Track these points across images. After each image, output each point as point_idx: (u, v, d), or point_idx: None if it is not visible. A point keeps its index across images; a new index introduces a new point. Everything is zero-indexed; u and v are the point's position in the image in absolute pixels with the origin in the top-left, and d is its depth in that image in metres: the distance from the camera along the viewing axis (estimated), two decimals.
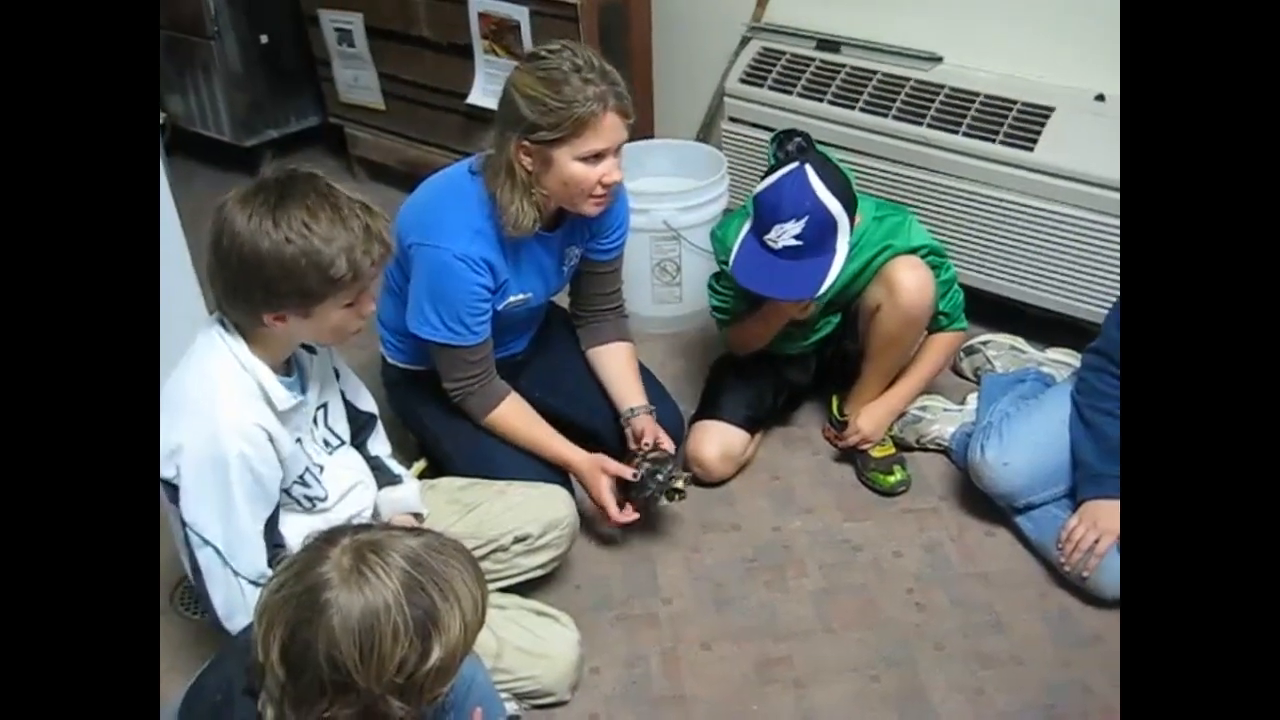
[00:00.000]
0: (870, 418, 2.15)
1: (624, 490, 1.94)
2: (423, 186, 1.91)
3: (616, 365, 2.08)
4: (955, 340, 2.20)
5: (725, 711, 1.72)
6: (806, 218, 1.86)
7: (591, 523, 2.05)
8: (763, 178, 1.95)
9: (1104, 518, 1.85)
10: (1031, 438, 1.97)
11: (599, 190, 1.77)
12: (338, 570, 1.08)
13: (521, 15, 2.68)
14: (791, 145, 2.03)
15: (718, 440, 2.12)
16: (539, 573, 1.85)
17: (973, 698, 1.73)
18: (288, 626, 1.08)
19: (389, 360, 2.05)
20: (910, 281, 1.99)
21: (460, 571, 1.12)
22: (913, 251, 2.03)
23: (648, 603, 1.92)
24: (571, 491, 1.92)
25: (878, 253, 2.01)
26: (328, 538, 1.13)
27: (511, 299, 1.90)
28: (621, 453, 2.03)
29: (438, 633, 1.08)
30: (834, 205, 1.88)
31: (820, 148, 2.17)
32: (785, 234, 1.87)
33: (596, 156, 1.73)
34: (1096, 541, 1.84)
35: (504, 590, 1.83)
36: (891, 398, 2.17)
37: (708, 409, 2.17)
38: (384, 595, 1.06)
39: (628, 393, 2.04)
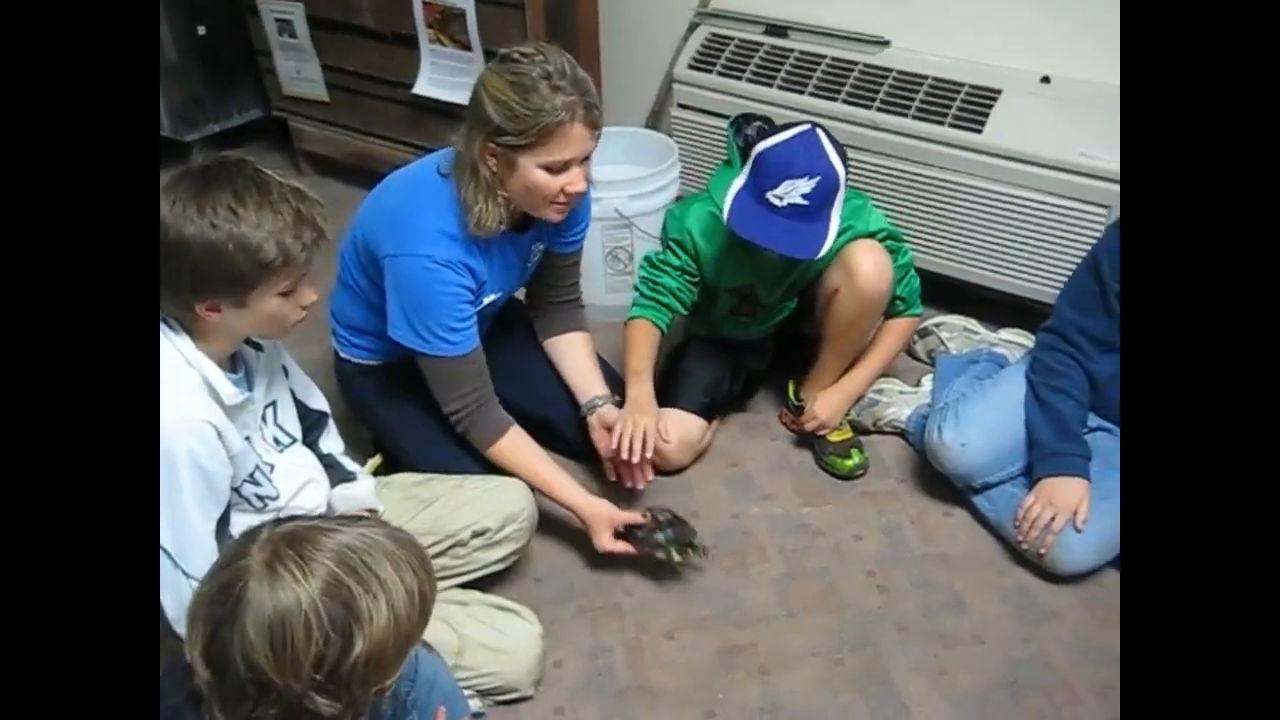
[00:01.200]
0: (827, 404, 2.15)
1: (629, 534, 1.88)
2: (387, 188, 1.85)
3: (576, 356, 2.08)
4: (911, 325, 2.20)
5: (690, 700, 1.71)
6: (819, 178, 1.85)
7: (552, 514, 2.03)
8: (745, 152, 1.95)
9: (1059, 495, 1.87)
10: (987, 418, 1.99)
11: (561, 198, 1.74)
12: (254, 566, 1.05)
13: (467, 3, 2.65)
14: (751, 129, 2.03)
15: (675, 428, 2.10)
16: (499, 567, 1.83)
17: (935, 678, 1.74)
18: (209, 625, 1.05)
19: (342, 355, 2.02)
20: (869, 265, 1.99)
21: (392, 560, 1.09)
22: (872, 235, 2.03)
23: (610, 594, 1.91)
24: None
25: (838, 234, 2.00)
26: (250, 533, 1.11)
27: (486, 301, 1.87)
28: (582, 441, 2.02)
29: (359, 626, 1.05)
30: (841, 172, 1.89)
31: None
32: (795, 191, 1.85)
33: (562, 165, 1.70)
34: (1053, 519, 1.85)
35: (464, 586, 1.81)
36: (848, 383, 2.17)
37: (664, 398, 2.16)
38: (296, 591, 1.03)
39: (589, 383, 2.03)
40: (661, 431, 1.96)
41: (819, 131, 1.89)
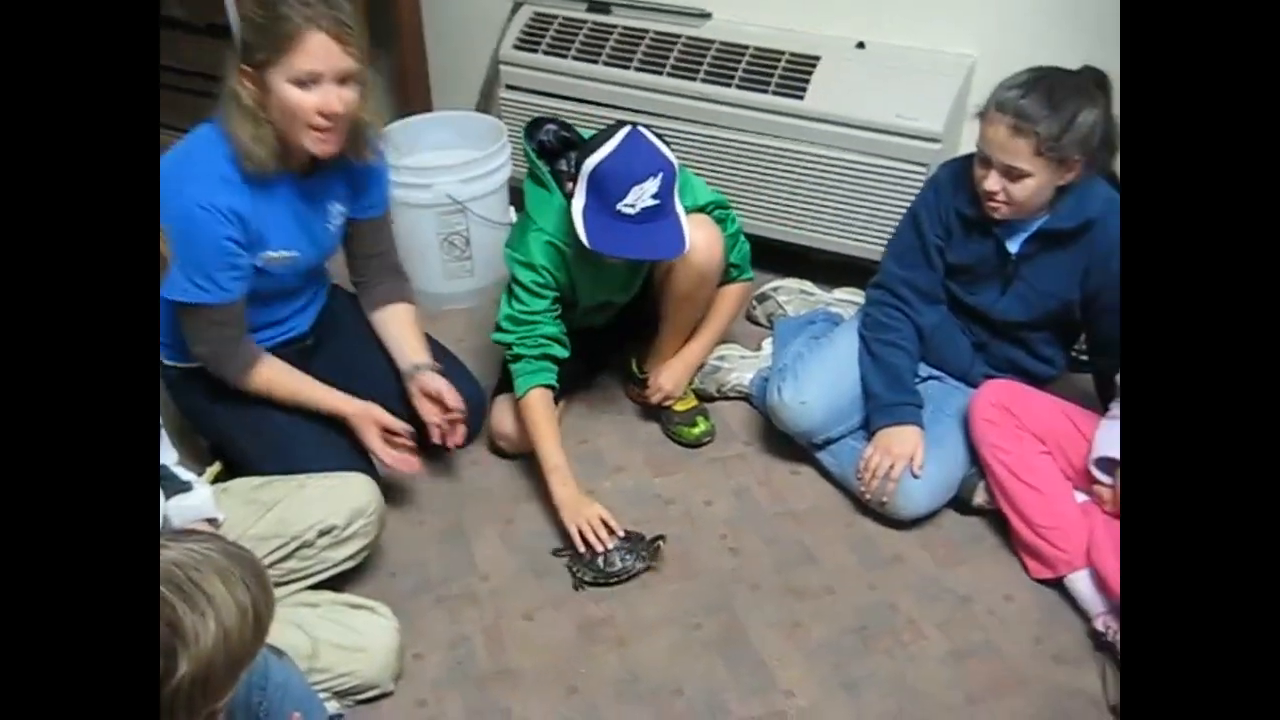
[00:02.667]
0: (670, 375, 2.18)
1: (589, 566, 1.88)
2: (164, 157, 1.78)
3: (396, 325, 2.05)
4: (745, 290, 2.24)
5: (552, 678, 1.72)
6: (661, 174, 1.87)
7: (401, 505, 2.01)
8: (579, 154, 1.92)
9: (896, 444, 1.94)
10: (824, 375, 2.04)
11: (318, 120, 1.69)
12: None
13: None
14: (546, 134, 2.03)
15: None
16: (350, 564, 1.80)
17: (790, 631, 1.79)
18: None
19: (165, 362, 1.94)
20: (700, 240, 2.01)
21: (223, 576, 1.05)
22: (701, 209, 2.06)
23: (466, 581, 1.90)
24: (376, 477, 1.87)
25: None
26: None
27: (271, 255, 1.81)
28: (407, 413, 1.99)
29: (184, 645, 1.00)
30: (672, 158, 1.91)
31: (597, 109, 2.18)
32: (645, 194, 1.86)
33: (311, 81, 1.66)
34: (891, 467, 1.92)
35: (315, 587, 1.76)
36: (689, 353, 2.20)
37: (508, 381, 2.15)
38: None
39: (409, 350, 2.01)
40: (606, 520, 1.92)
41: (640, 129, 1.90)
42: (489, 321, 2.22)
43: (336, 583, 1.79)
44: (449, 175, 2.42)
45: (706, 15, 2.59)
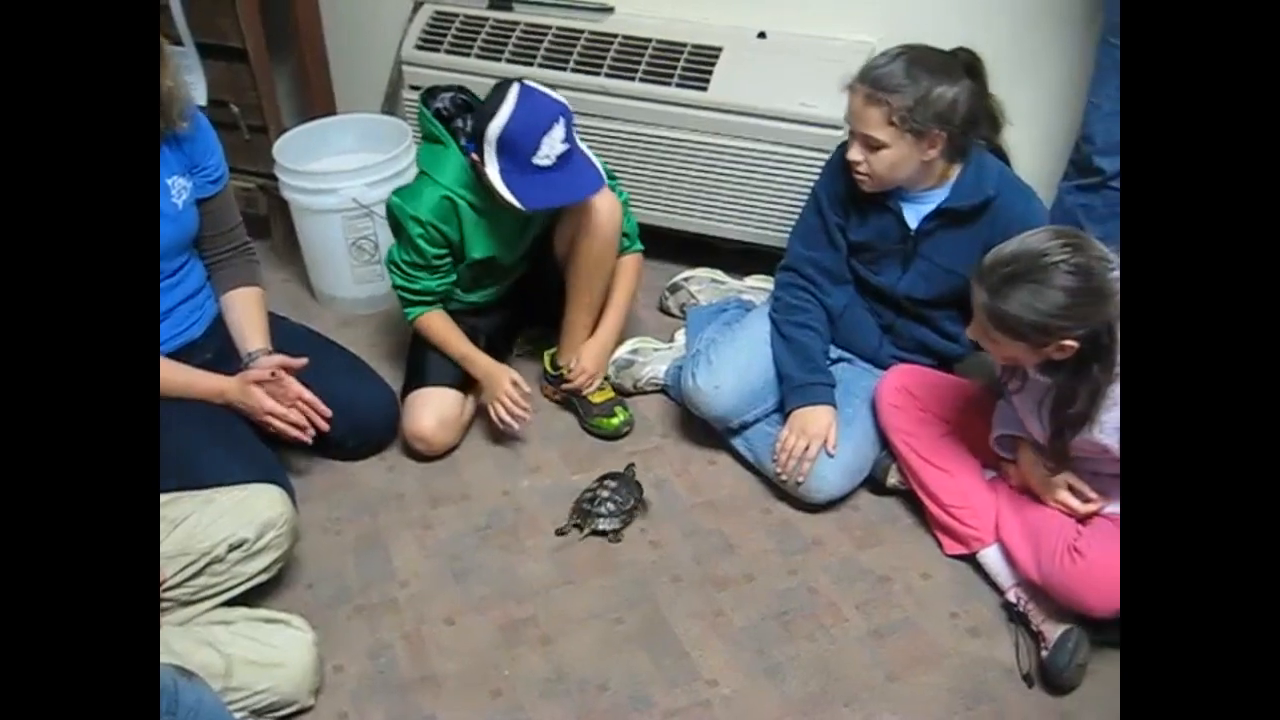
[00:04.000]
0: (590, 355, 2.19)
1: (595, 520, 1.96)
2: None
3: (241, 311, 2.01)
4: (638, 261, 2.25)
5: (476, 681, 1.70)
6: (561, 118, 1.91)
7: (315, 515, 1.98)
8: (476, 121, 1.95)
9: (810, 424, 1.96)
10: (737, 359, 2.06)
11: None
12: None
13: None
14: (441, 101, 2.03)
15: (431, 407, 2.09)
16: (264, 577, 1.76)
17: (712, 620, 1.80)
18: None
19: None
20: (602, 204, 2.04)
21: None
22: None
23: (385, 589, 1.87)
24: (288, 488, 1.83)
25: None
26: None
27: None
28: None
29: None
30: (562, 99, 1.96)
31: None
32: (555, 141, 1.90)
33: None
34: (807, 448, 1.94)
35: (228, 603, 1.72)
36: (602, 332, 2.21)
37: (415, 379, 2.14)
38: None
39: (249, 336, 1.98)
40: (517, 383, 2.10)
41: (525, 82, 1.95)
42: (401, 326, 2.21)
43: (251, 597, 1.75)
44: (354, 179, 2.38)
45: (609, 10, 2.59)
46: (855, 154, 1.86)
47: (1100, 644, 1.69)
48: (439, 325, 2.14)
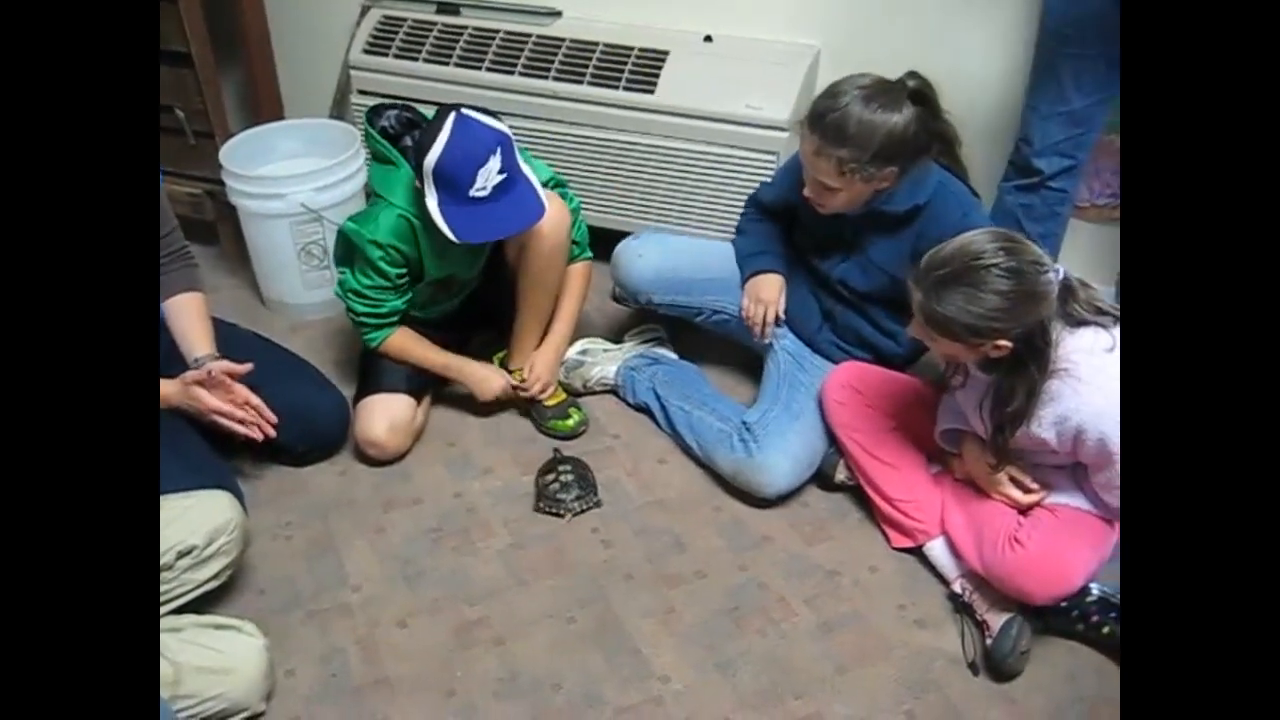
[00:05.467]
0: (543, 362, 2.20)
1: (554, 504, 2.02)
2: None
3: (184, 317, 1.96)
4: (588, 268, 2.27)
5: (429, 684, 1.71)
6: (498, 148, 1.88)
7: (266, 520, 1.97)
8: (415, 149, 1.92)
9: (763, 290, 2.09)
10: (666, 244, 2.25)
11: None
12: None
13: None
14: (387, 120, 2.03)
15: (383, 413, 2.08)
16: (214, 584, 1.75)
17: (664, 618, 1.81)
18: None
19: None
20: (552, 212, 2.03)
21: None
22: (544, 185, 2.07)
23: (337, 593, 1.87)
24: (237, 494, 1.83)
25: None
26: None
27: None
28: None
29: None
30: (502, 126, 1.93)
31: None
32: (491, 174, 1.88)
33: None
34: (766, 312, 2.08)
35: (179, 610, 1.71)
36: (554, 338, 2.22)
37: (367, 385, 2.13)
38: None
39: (194, 343, 1.94)
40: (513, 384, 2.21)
41: (463, 110, 1.90)
42: (351, 331, 2.20)
43: (202, 604, 1.74)
44: (302, 184, 2.37)
45: (556, 14, 2.61)
46: (810, 190, 1.91)
47: (1042, 631, 1.73)
48: (409, 343, 2.13)
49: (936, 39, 2.37)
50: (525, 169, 1.99)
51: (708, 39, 2.49)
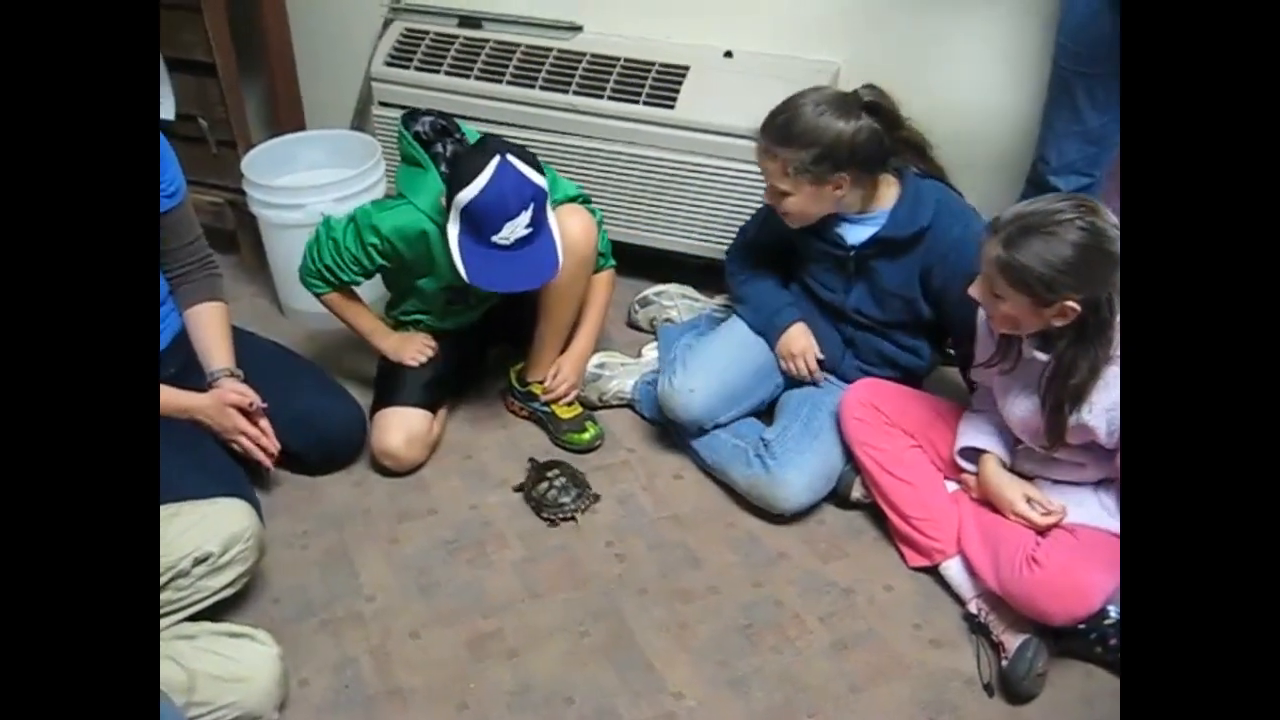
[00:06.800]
0: (570, 366, 2.22)
1: (540, 500, 2.04)
2: None
3: (205, 328, 2.00)
4: (611, 277, 2.28)
5: (442, 695, 1.70)
6: (532, 203, 1.88)
7: (282, 529, 1.98)
8: (448, 174, 1.93)
9: (793, 343, 2.10)
10: (712, 363, 2.12)
11: None
12: None
13: None
14: (422, 125, 2.03)
15: (400, 426, 2.09)
16: (229, 592, 1.75)
17: (678, 633, 1.81)
18: None
19: None
20: (578, 226, 2.05)
21: None
22: (570, 200, 2.10)
23: (351, 603, 1.87)
24: (254, 502, 1.83)
25: None
26: None
27: None
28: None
29: None
30: (541, 180, 1.92)
31: (470, 123, 2.18)
32: (519, 227, 1.88)
33: None
34: (807, 364, 2.08)
35: (194, 617, 1.72)
36: (578, 346, 2.24)
37: (384, 397, 2.14)
38: None
39: (213, 355, 1.97)
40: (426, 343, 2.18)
41: (509, 157, 1.88)
42: (366, 343, 2.22)
43: (216, 612, 1.74)
44: (322, 195, 2.39)
45: (577, 28, 2.62)
46: (769, 196, 1.95)
47: (1059, 653, 1.72)
48: (345, 301, 2.17)
49: (956, 55, 2.37)
50: (550, 220, 1.97)
51: (728, 54, 2.50)
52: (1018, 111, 2.37)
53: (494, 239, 1.89)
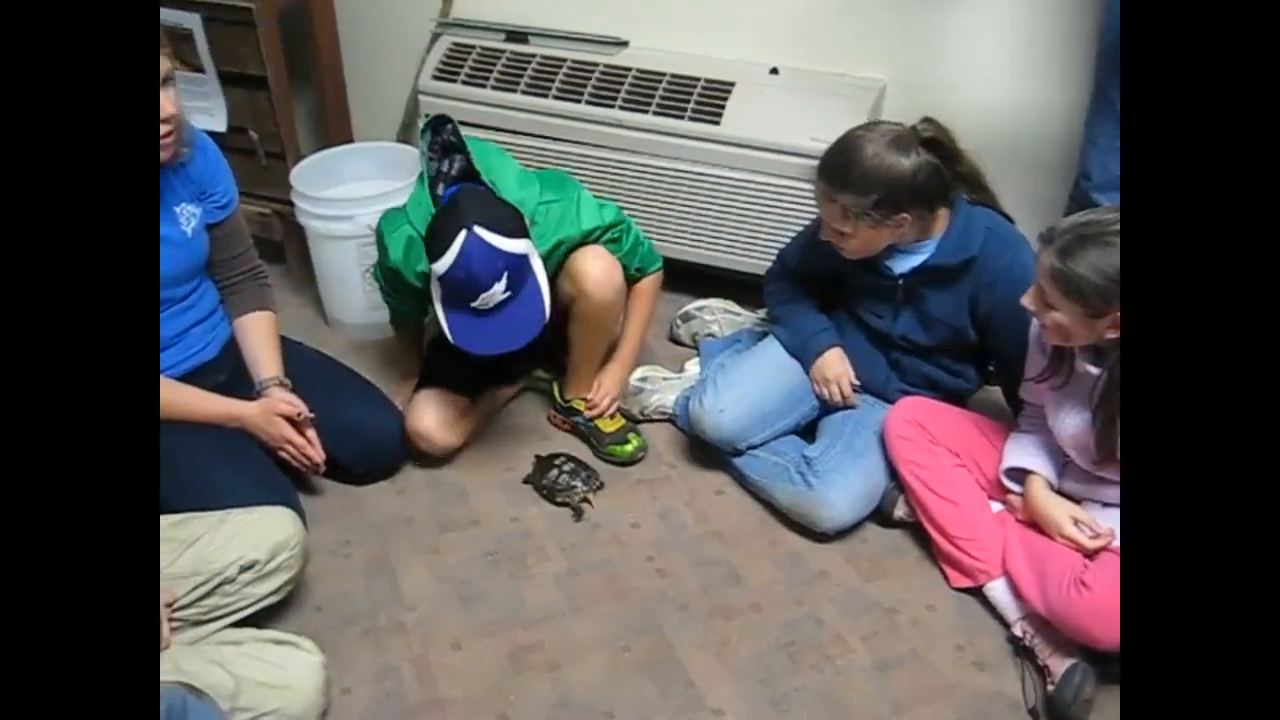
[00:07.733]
0: (613, 378, 2.23)
1: (545, 484, 2.10)
2: None
3: (254, 336, 2.02)
4: (656, 281, 2.26)
5: (483, 707, 1.71)
6: (505, 273, 1.85)
7: (325, 538, 1.99)
8: (429, 242, 1.90)
9: (828, 369, 2.08)
10: (744, 384, 2.10)
11: (160, 128, 1.67)
12: None
13: (194, 23, 2.54)
14: (447, 131, 2.03)
15: (434, 407, 2.12)
16: (274, 599, 1.77)
17: (719, 650, 1.80)
18: None
19: None
20: (596, 273, 2.03)
21: None
22: (587, 234, 2.05)
23: (393, 612, 1.88)
24: (299, 511, 1.85)
25: (551, 250, 2.02)
26: None
27: None
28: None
29: None
30: (518, 245, 1.86)
31: (517, 137, 2.19)
32: (494, 295, 1.86)
33: None
34: (841, 390, 2.07)
35: (238, 624, 1.73)
36: (621, 357, 2.25)
37: (423, 380, 2.18)
38: None
39: (262, 364, 1.99)
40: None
41: (476, 230, 1.81)
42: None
43: (260, 619, 1.76)
44: (369, 207, 2.41)
45: (623, 44, 2.63)
46: (827, 234, 1.93)
47: (1107, 679, 1.69)
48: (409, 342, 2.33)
49: (1001, 72, 2.36)
50: (536, 271, 1.92)
51: (774, 71, 2.50)
52: (1065, 122, 2.35)
53: (473, 305, 1.88)
